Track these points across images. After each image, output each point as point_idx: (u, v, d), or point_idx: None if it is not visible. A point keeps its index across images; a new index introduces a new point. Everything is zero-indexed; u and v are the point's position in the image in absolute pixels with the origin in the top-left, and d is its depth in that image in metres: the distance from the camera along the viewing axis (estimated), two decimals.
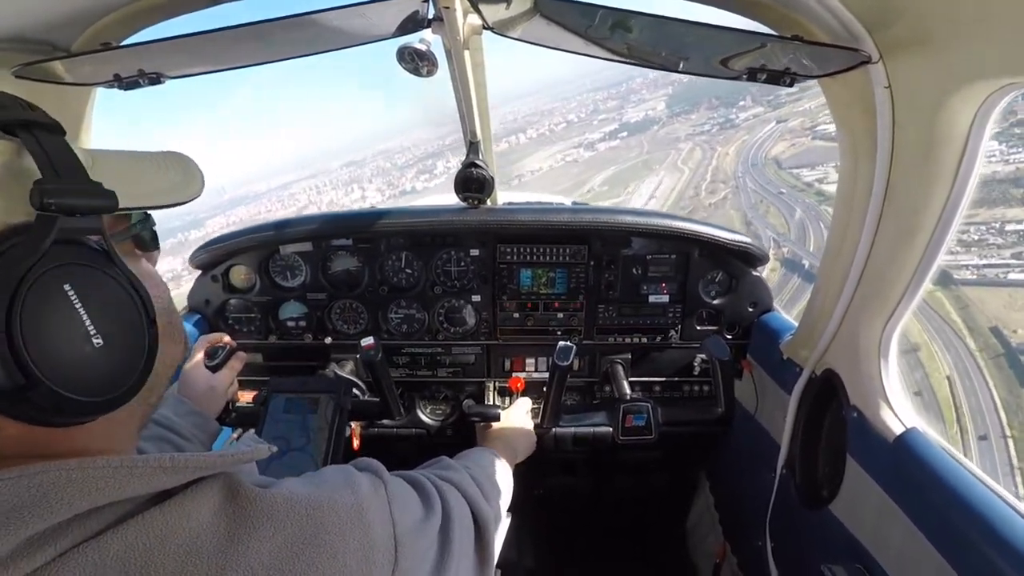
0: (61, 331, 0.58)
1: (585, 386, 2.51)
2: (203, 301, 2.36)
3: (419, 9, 1.31)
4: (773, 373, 2.09)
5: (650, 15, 1.19)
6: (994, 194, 25.45)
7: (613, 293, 2.32)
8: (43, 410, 0.57)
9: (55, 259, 0.58)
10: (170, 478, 0.62)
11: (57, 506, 0.54)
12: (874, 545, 1.51)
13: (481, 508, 1.08)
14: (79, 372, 0.59)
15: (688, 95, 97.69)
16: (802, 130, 57.75)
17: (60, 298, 0.58)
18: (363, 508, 0.74)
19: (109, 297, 0.63)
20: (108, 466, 0.58)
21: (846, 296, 1.56)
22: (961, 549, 1.22)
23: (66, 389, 0.57)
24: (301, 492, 0.70)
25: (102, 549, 0.55)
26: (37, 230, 0.57)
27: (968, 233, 24.45)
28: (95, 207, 0.62)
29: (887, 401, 1.51)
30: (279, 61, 1.54)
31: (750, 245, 2.18)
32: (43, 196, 0.56)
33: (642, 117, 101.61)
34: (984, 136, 1.14)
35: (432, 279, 2.34)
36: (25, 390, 0.54)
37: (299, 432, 1.73)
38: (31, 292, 0.55)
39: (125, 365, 0.65)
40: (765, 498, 2.00)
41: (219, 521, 0.62)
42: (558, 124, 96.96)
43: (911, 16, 1.07)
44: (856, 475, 1.58)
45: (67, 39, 1.39)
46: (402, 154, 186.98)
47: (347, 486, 0.77)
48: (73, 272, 0.59)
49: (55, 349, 0.57)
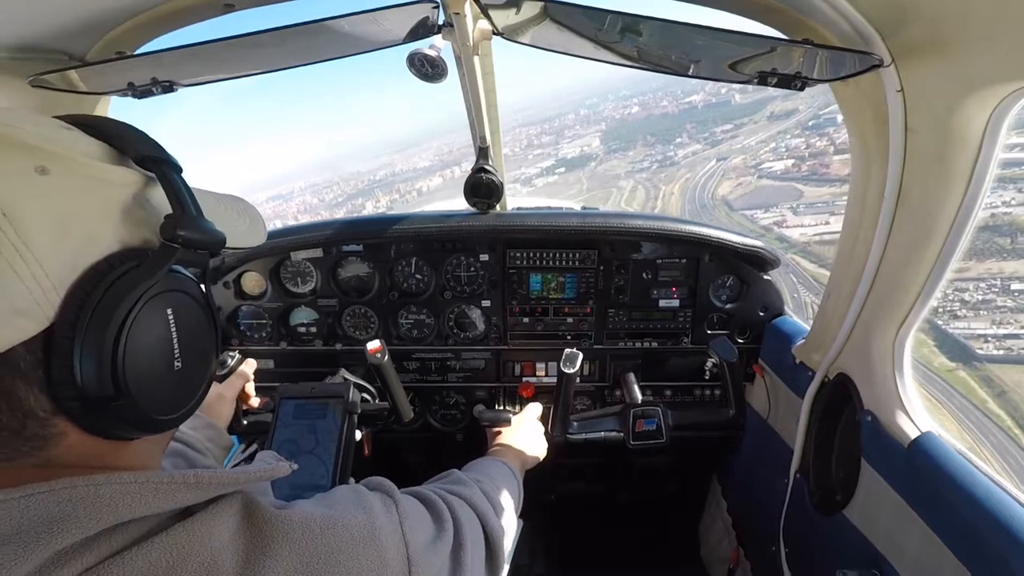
0: (156, 351, 0.63)
1: (596, 391, 2.51)
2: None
3: (429, 15, 1.32)
4: (785, 377, 2.08)
5: (660, 19, 1.19)
6: (978, 243, 23.98)
7: (623, 298, 2.32)
8: (116, 422, 0.61)
9: (166, 285, 0.64)
10: (194, 494, 0.64)
11: (86, 521, 0.55)
12: (890, 550, 1.50)
13: (492, 524, 1.08)
14: (157, 390, 0.64)
15: (622, 131, 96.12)
16: (745, 168, 56.47)
17: (162, 321, 0.64)
18: (375, 527, 0.75)
19: (196, 326, 0.70)
20: (135, 482, 0.59)
21: (858, 300, 1.55)
22: (979, 554, 1.21)
23: (144, 405, 0.62)
24: (315, 513, 0.71)
25: (126, 565, 0.56)
26: (158, 257, 0.62)
27: (968, 292, 22.59)
28: (209, 244, 0.68)
29: (902, 405, 1.49)
30: (291, 68, 1.55)
31: (761, 249, 2.17)
32: (175, 228, 0.63)
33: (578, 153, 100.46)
34: (998, 140, 1.13)
35: (442, 284, 2.34)
36: (110, 401, 0.58)
37: (308, 437, 1.73)
38: (141, 312, 0.60)
39: (191, 390, 0.71)
40: (778, 503, 1.98)
41: (238, 541, 0.64)
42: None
43: (923, 19, 1.06)
44: (871, 480, 1.57)
45: (82, 48, 1.41)
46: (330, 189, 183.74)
47: (359, 506, 0.78)
48: (175, 299, 0.66)
49: (147, 367, 0.62)
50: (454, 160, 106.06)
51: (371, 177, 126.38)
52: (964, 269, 22.76)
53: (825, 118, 57.94)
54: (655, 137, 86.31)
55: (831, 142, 47.68)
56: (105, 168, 0.62)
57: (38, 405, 0.56)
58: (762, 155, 58.06)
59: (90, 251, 0.58)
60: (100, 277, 0.58)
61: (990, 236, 24.11)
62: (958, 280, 22.97)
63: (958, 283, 22.56)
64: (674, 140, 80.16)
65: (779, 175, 47.70)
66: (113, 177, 0.63)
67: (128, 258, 0.61)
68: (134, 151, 0.66)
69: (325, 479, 1.62)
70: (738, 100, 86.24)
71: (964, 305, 21.96)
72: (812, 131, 57.64)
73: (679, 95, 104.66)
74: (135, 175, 0.66)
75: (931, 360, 14.22)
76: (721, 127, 76.48)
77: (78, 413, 0.58)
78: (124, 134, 0.67)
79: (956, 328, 20.21)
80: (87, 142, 0.63)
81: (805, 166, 45.77)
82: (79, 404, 0.57)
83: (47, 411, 0.57)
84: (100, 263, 0.58)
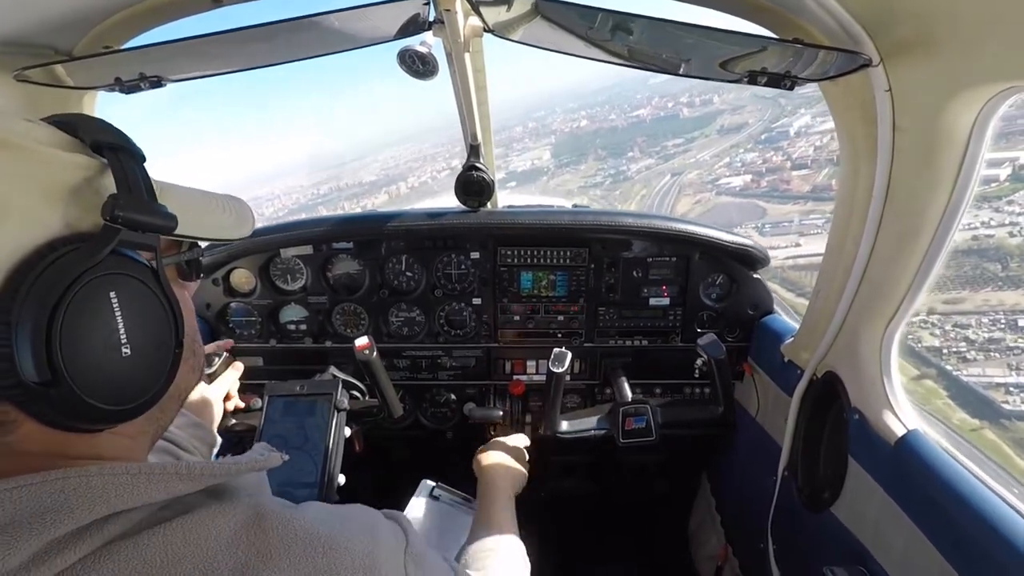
0: (96, 335, 0.61)
1: (586, 389, 2.51)
2: (204, 305, 2.35)
3: (420, 12, 1.31)
4: (774, 375, 2.09)
5: (650, 18, 1.19)
6: (966, 269, 21.52)
7: (614, 296, 2.32)
8: (58, 411, 0.59)
9: (109, 267, 0.62)
10: (185, 485, 0.64)
11: (79, 511, 0.55)
12: (876, 547, 1.51)
13: None
14: (100, 377, 0.62)
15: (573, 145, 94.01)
16: (702, 184, 54.95)
17: (103, 304, 0.62)
18: (377, 559, 0.73)
19: (147, 312, 0.67)
20: (127, 472, 0.60)
21: (847, 298, 1.56)
22: (963, 551, 1.22)
23: (84, 392, 0.60)
24: (322, 531, 0.70)
25: (120, 557, 0.56)
26: (100, 238, 0.61)
27: (972, 329, 19.66)
28: (155, 226, 0.66)
29: (889, 403, 1.51)
30: (280, 64, 1.54)
31: (751, 247, 2.18)
32: (114, 208, 0.61)
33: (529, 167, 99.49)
34: (985, 139, 1.14)
35: (433, 282, 2.34)
36: (48, 387, 0.57)
37: (297, 434, 1.73)
38: (79, 294, 0.59)
39: (144, 380, 0.68)
40: (767, 500, 1.99)
41: (237, 545, 0.63)
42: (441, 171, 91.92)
43: (912, 19, 1.07)
44: (858, 477, 1.58)
45: (68, 42, 1.40)
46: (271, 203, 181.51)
47: (368, 532, 0.76)
48: (121, 283, 0.64)
49: (86, 351, 0.60)
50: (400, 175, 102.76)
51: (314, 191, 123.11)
52: (958, 300, 20.66)
53: (778, 131, 56.25)
54: (606, 151, 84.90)
55: (787, 157, 46.88)
56: (55, 153, 0.62)
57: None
58: (718, 170, 56.19)
59: (32, 233, 0.58)
60: (40, 259, 0.57)
61: (978, 261, 21.88)
62: (955, 314, 20.38)
63: (956, 318, 20.16)
64: (626, 154, 78.57)
65: (738, 191, 46.35)
66: (62, 161, 0.62)
67: (74, 241, 0.60)
68: (90, 138, 0.66)
69: (314, 476, 1.62)
70: (686, 114, 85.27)
71: (971, 346, 19.07)
72: (766, 145, 56.10)
73: (627, 108, 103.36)
74: (88, 160, 0.65)
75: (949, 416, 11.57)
76: (672, 141, 74.90)
77: (21, 399, 0.57)
78: (84, 123, 0.67)
79: (970, 376, 17.72)
80: (44, 131, 0.64)
81: (764, 182, 45.06)
82: (20, 391, 0.57)
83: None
84: (43, 246, 0.58)
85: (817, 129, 49.07)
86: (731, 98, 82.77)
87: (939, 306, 19.60)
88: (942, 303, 19.62)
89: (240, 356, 2.40)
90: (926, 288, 1.38)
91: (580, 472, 3.05)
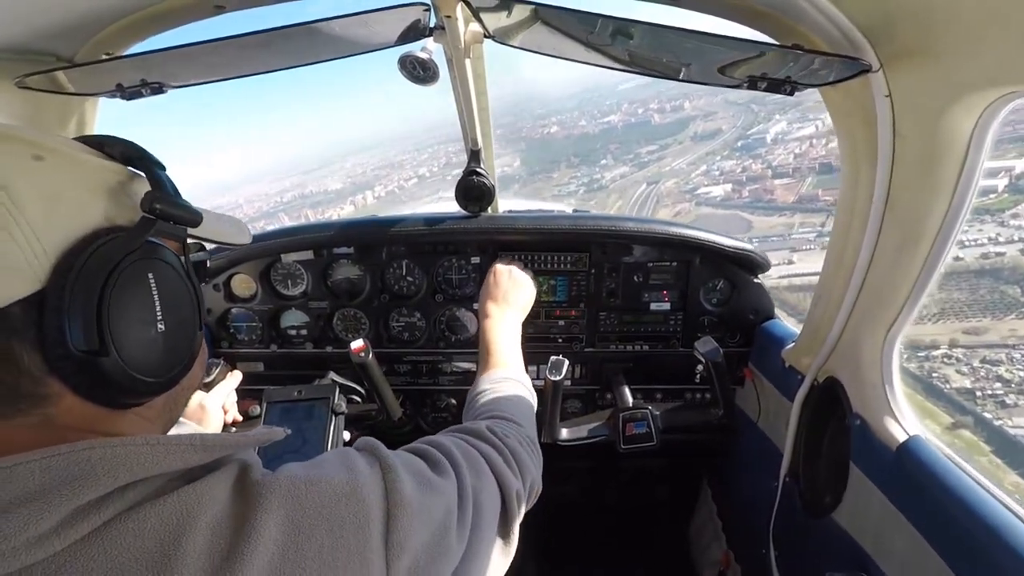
0: (137, 311, 0.70)
1: (587, 394, 2.51)
2: (204, 310, 2.35)
3: (421, 18, 1.32)
4: (775, 381, 2.09)
5: (650, 24, 1.19)
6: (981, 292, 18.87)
7: (614, 301, 2.32)
8: (102, 382, 0.66)
9: (146, 253, 0.71)
10: (199, 455, 0.69)
11: (104, 479, 0.60)
12: (878, 553, 1.50)
13: (507, 480, 1.05)
14: (141, 349, 0.70)
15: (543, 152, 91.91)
16: (680, 193, 52.72)
17: (143, 284, 0.71)
18: (358, 484, 0.76)
19: (177, 294, 0.76)
20: (147, 443, 0.65)
21: (847, 304, 1.56)
22: (966, 557, 1.21)
23: (127, 363, 0.67)
24: (299, 473, 0.75)
25: (141, 519, 0.61)
26: (138, 227, 0.70)
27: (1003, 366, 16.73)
28: (185, 219, 0.76)
29: (890, 409, 1.50)
30: (280, 70, 1.54)
31: (752, 252, 2.18)
32: (152, 201, 0.70)
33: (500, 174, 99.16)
34: (985, 145, 1.14)
35: (433, 287, 2.34)
36: (96, 356, 0.64)
37: (295, 438, 1.73)
38: (124, 274, 0.67)
39: (174, 354, 0.76)
40: (768, 506, 1.99)
41: (233, 502, 0.68)
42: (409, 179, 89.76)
43: (911, 25, 1.07)
44: (859, 483, 1.57)
45: (70, 49, 1.40)
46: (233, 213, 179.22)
47: (343, 465, 0.80)
48: (156, 266, 0.73)
49: (129, 325, 0.68)
50: (367, 183, 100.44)
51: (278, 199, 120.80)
52: (980, 330, 18.11)
53: (754, 138, 55.80)
54: (579, 158, 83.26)
55: (768, 165, 45.69)
56: (93, 160, 0.72)
57: (32, 364, 0.62)
58: (695, 179, 54.30)
59: (79, 223, 0.66)
60: (87, 245, 0.64)
61: (993, 283, 19.27)
62: (980, 347, 17.60)
63: (982, 352, 17.37)
64: (599, 161, 76.98)
65: (719, 202, 45.80)
66: (100, 166, 0.72)
67: (114, 231, 0.68)
68: (117, 151, 0.75)
69: None
70: (658, 120, 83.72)
71: (1006, 386, 16.23)
72: (742, 152, 55.12)
73: (596, 114, 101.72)
74: (121, 168, 0.75)
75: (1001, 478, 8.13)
76: (646, 148, 73.22)
77: (68, 371, 0.64)
78: (108, 140, 0.76)
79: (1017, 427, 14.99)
80: (80, 145, 0.73)
81: (746, 191, 43.78)
82: (68, 362, 0.63)
83: (40, 370, 0.63)
84: (88, 235, 0.66)
85: (795, 135, 47.85)
86: (702, 104, 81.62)
87: (960, 337, 17.84)
88: (962, 333, 17.99)
89: (241, 361, 2.40)
90: (927, 293, 1.38)
91: (580, 478, 3.05)
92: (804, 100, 23.86)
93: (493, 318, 1.80)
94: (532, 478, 1.18)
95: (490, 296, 1.89)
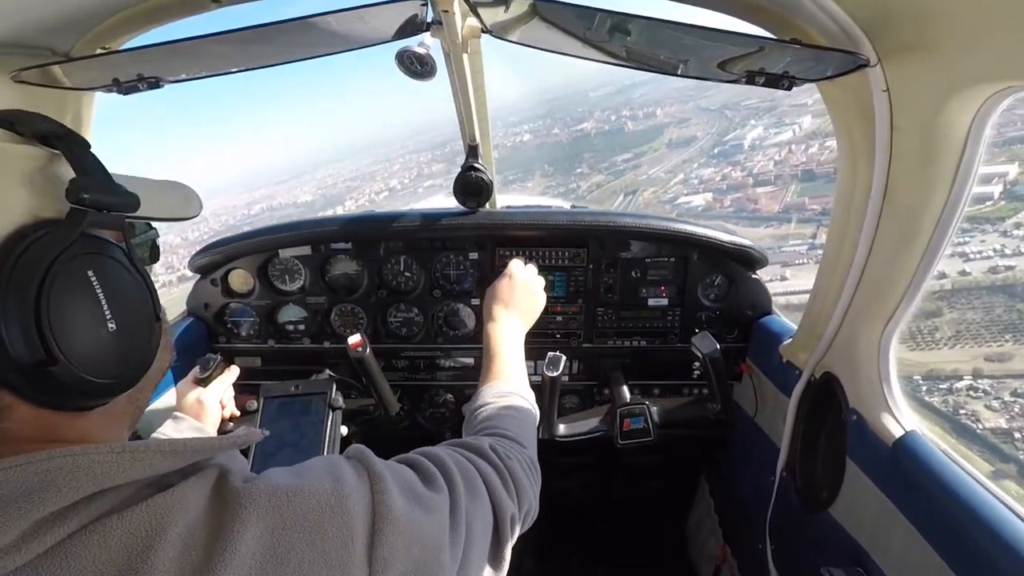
0: (81, 313, 0.65)
1: (584, 389, 2.51)
2: (202, 305, 2.35)
3: (418, 13, 1.31)
4: (772, 376, 2.09)
5: (648, 18, 1.19)
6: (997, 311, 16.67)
7: (612, 296, 2.32)
8: (56, 389, 0.62)
9: (82, 248, 0.65)
10: (169, 462, 0.65)
11: (65, 490, 0.56)
12: (874, 548, 1.51)
13: (504, 504, 1.01)
14: (92, 352, 0.65)
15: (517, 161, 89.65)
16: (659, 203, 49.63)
17: (84, 283, 0.65)
18: (343, 495, 0.73)
19: (125, 289, 0.71)
20: (111, 451, 0.61)
21: (845, 299, 1.56)
22: (961, 552, 1.22)
23: (80, 368, 0.63)
24: (282, 482, 0.71)
25: (107, 532, 0.57)
26: (69, 221, 0.64)
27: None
28: (121, 205, 0.70)
29: (887, 404, 1.51)
30: (277, 65, 1.54)
31: (750, 248, 2.18)
32: (79, 191, 0.64)
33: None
34: (983, 139, 1.14)
35: (431, 283, 2.34)
36: (44, 365, 0.60)
37: (293, 433, 1.73)
38: (59, 275, 0.62)
39: (132, 352, 0.72)
40: (765, 501, 1.99)
41: (209, 511, 0.65)
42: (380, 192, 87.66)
43: (909, 20, 1.07)
44: (856, 478, 1.58)
45: (66, 44, 1.39)
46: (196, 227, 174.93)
47: (329, 475, 0.76)
48: (96, 262, 0.67)
49: (75, 329, 0.63)
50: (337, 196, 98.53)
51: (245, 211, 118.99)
52: (1005, 356, 16.06)
53: (731, 144, 54.44)
54: (553, 167, 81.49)
55: (748, 172, 43.81)
56: (4, 146, 0.65)
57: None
58: (674, 188, 52.05)
59: (1, 223, 0.60)
60: (12, 247, 0.60)
61: (1008, 301, 17.22)
62: (1008, 378, 15.70)
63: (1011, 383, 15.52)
64: (574, 170, 75.47)
65: (701, 212, 43.79)
66: (14, 152, 0.66)
67: (41, 228, 0.63)
68: (31, 130, 0.68)
69: None
70: (631, 127, 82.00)
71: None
72: (720, 159, 53.95)
73: (569, 122, 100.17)
74: (38, 151, 0.68)
75: None
76: (621, 156, 71.50)
77: (17, 383, 0.60)
78: (20, 117, 0.68)
79: None
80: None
81: (728, 200, 41.90)
82: (16, 374, 0.60)
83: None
84: (11, 235, 0.61)
85: (772, 141, 46.98)
86: (675, 111, 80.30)
87: (984, 366, 16.20)
88: (984, 360, 16.37)
89: (238, 356, 2.40)
90: (924, 289, 1.38)
91: (578, 473, 3.05)
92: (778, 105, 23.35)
93: (499, 323, 1.69)
94: (529, 503, 1.14)
95: (500, 298, 1.76)
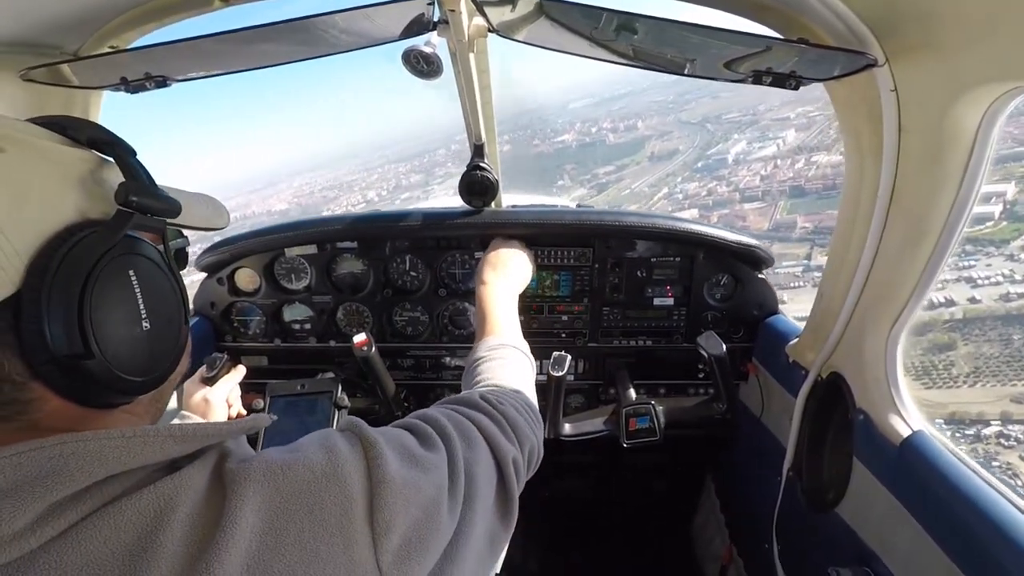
0: (120, 310, 0.67)
1: (590, 389, 2.51)
2: (208, 304, 2.36)
3: (424, 12, 1.31)
4: (778, 376, 2.09)
5: (655, 18, 1.19)
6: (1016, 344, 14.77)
7: (618, 296, 2.32)
8: (88, 384, 0.64)
9: (125, 249, 0.68)
10: (179, 446, 0.67)
11: (78, 474, 0.58)
12: (881, 548, 1.51)
13: (498, 443, 1.02)
14: (126, 350, 0.67)
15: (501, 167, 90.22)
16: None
17: (125, 282, 0.68)
18: (338, 464, 0.74)
19: (161, 291, 0.74)
20: (122, 436, 0.62)
21: (851, 299, 1.56)
22: (970, 552, 1.21)
23: (113, 364, 0.65)
24: (276, 458, 0.72)
25: (118, 514, 0.59)
26: (115, 222, 0.66)
27: None
28: (163, 210, 0.73)
29: (894, 404, 1.50)
30: (284, 64, 1.54)
31: (756, 247, 2.18)
32: (127, 194, 0.66)
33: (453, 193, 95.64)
34: (991, 140, 1.14)
35: (437, 282, 2.34)
36: (80, 359, 0.62)
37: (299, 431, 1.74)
38: (103, 272, 0.64)
39: (162, 352, 0.74)
40: (771, 501, 1.99)
41: (210, 490, 0.66)
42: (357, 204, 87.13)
43: (917, 20, 1.07)
44: (863, 478, 1.58)
45: (75, 42, 1.40)
46: None
47: (322, 447, 0.77)
48: (137, 263, 0.70)
49: (112, 325, 0.66)
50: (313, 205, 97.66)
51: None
52: None
53: (714, 159, 52.72)
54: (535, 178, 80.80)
55: (735, 188, 42.47)
56: (59, 148, 0.68)
57: (13, 370, 0.60)
58: (658, 203, 51.89)
59: (50, 220, 0.62)
60: (61, 243, 0.62)
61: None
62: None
63: None
64: (555, 183, 74.74)
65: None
66: (67, 155, 0.68)
67: (88, 227, 0.65)
68: (85, 136, 0.71)
69: None
70: (612, 139, 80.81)
71: None
72: (704, 173, 52.09)
73: (549, 133, 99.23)
74: (89, 155, 0.71)
75: None
76: (603, 168, 70.91)
77: (52, 376, 0.62)
78: (71, 123, 0.72)
79: None
80: (41, 131, 0.69)
81: (715, 217, 38.02)
82: (52, 366, 0.61)
83: (22, 375, 0.61)
84: (61, 231, 0.63)
85: (756, 155, 46.21)
86: (655, 123, 79.19)
87: (1011, 408, 14.47)
88: (1011, 402, 14.69)
89: (244, 355, 2.41)
90: (931, 288, 1.38)
91: (583, 472, 3.05)
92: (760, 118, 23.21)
93: (489, 285, 1.79)
94: (531, 444, 1.15)
95: (487, 263, 1.90)
